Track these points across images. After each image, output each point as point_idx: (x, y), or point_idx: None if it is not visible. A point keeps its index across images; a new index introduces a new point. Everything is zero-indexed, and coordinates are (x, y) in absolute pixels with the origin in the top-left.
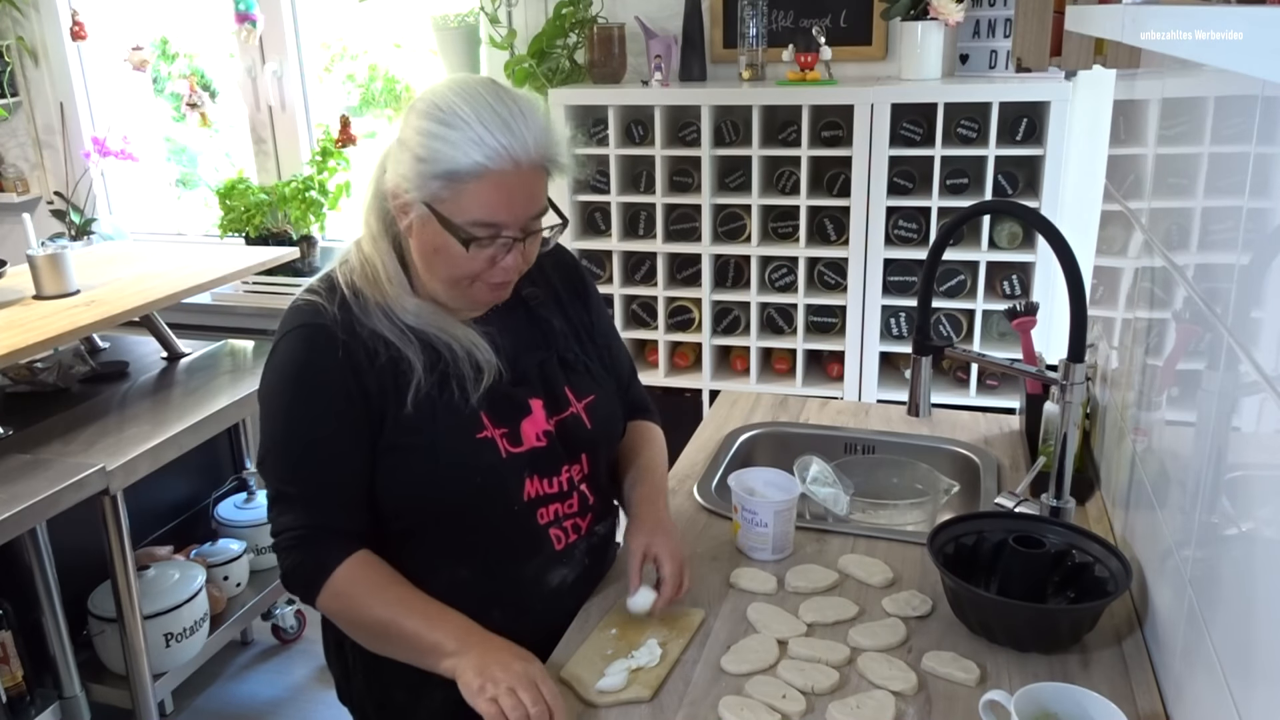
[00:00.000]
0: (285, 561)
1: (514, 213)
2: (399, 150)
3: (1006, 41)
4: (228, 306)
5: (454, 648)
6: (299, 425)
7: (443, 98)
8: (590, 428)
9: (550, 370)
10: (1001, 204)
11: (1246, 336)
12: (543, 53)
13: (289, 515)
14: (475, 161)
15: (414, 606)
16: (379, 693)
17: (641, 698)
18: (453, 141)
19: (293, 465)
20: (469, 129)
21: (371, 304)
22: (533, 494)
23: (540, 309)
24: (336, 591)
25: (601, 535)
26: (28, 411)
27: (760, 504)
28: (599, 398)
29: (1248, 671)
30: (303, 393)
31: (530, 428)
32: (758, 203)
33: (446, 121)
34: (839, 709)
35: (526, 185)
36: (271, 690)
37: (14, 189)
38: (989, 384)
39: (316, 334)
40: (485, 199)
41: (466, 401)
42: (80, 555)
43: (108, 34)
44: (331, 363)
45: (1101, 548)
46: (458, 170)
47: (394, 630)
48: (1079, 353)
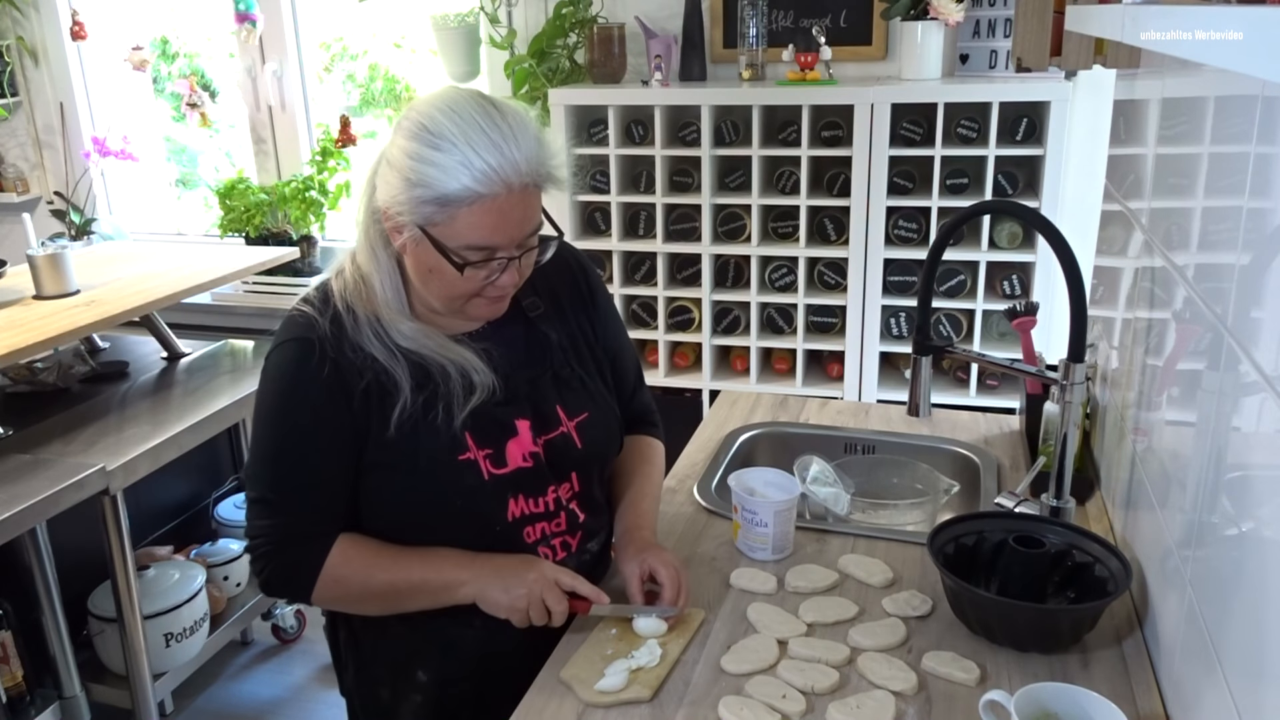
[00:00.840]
0: (263, 569)
1: (508, 234)
2: (387, 170)
3: (1006, 41)
4: (228, 306)
5: (466, 577)
6: (283, 436)
7: (430, 118)
8: (580, 447)
9: (543, 387)
10: (1001, 204)
11: (1246, 336)
12: (543, 53)
13: (266, 520)
14: (466, 186)
15: (411, 559)
16: (365, 690)
17: (641, 698)
18: (442, 166)
19: (275, 474)
20: (457, 152)
21: (362, 319)
22: (518, 514)
23: (540, 322)
24: (335, 579)
25: (594, 552)
26: (28, 411)
27: (760, 504)
28: (592, 415)
29: (1248, 671)
30: (288, 405)
31: (516, 449)
32: (758, 203)
33: (435, 145)
34: (839, 709)
35: (519, 206)
36: (271, 690)
37: (14, 189)
38: (989, 384)
39: (306, 349)
40: (478, 223)
41: (451, 423)
42: (80, 555)
43: (108, 34)
44: (317, 378)
45: (1101, 548)
46: (448, 195)
47: (404, 587)
48: (1079, 353)
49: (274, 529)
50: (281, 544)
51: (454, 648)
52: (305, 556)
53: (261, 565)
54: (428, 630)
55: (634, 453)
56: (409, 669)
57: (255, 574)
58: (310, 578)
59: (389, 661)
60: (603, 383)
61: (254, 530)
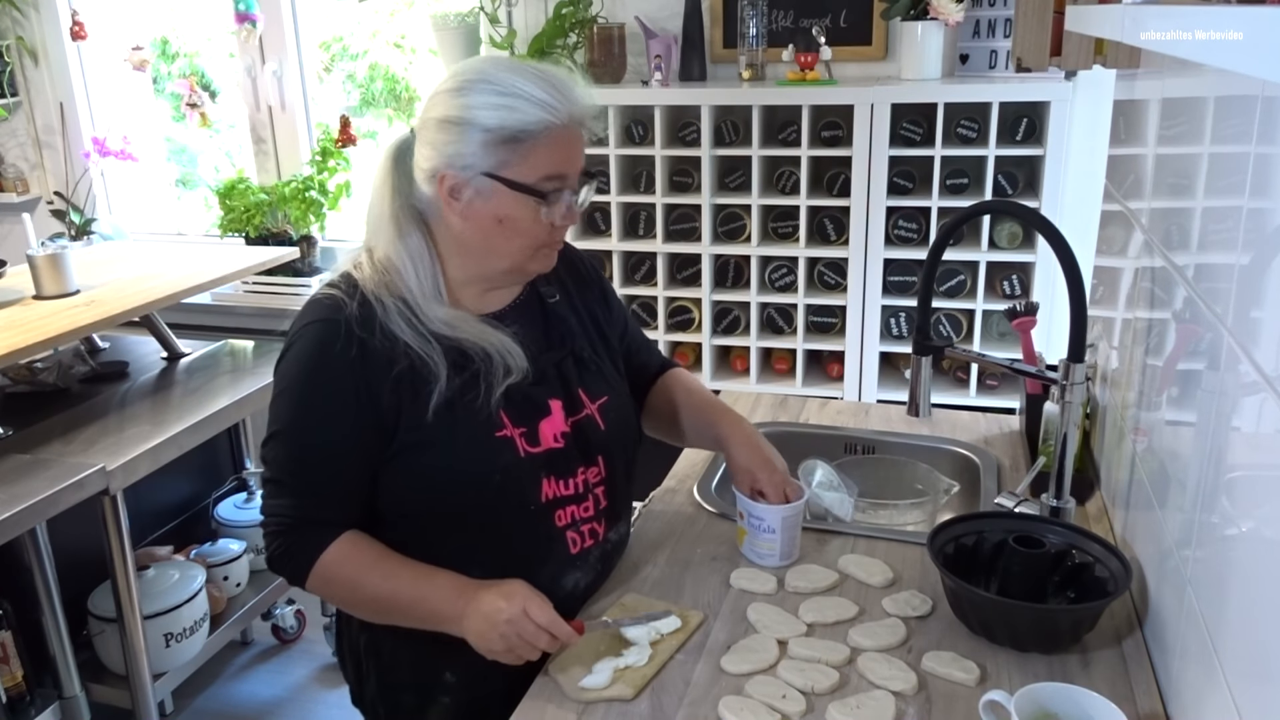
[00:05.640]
0: (272, 545)
1: (574, 164)
2: (439, 134)
3: (1006, 41)
4: (228, 306)
5: (450, 613)
6: (305, 420)
7: (483, 72)
8: (604, 429)
9: (566, 370)
10: (1001, 204)
11: (1246, 336)
12: (543, 53)
13: (281, 501)
14: (540, 119)
15: (404, 578)
16: (389, 697)
17: (623, 696)
18: (516, 107)
19: (294, 457)
20: (525, 90)
21: (391, 306)
22: (550, 495)
23: (558, 307)
24: (327, 576)
25: (614, 542)
26: (28, 411)
27: (768, 510)
28: (611, 399)
29: (1248, 671)
30: (312, 389)
31: (548, 428)
32: (758, 203)
33: (504, 91)
34: (839, 709)
35: (579, 139)
36: (271, 690)
37: (14, 189)
38: (989, 384)
39: (333, 330)
40: (551, 154)
41: (488, 401)
42: (80, 555)
43: (108, 34)
44: (344, 361)
45: (1101, 548)
46: (525, 128)
47: (390, 605)
48: (1079, 353)
49: (288, 509)
50: (293, 525)
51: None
52: (307, 543)
53: (270, 542)
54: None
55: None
56: (436, 671)
57: (265, 548)
58: (307, 564)
59: (413, 665)
60: (615, 369)
61: (268, 509)
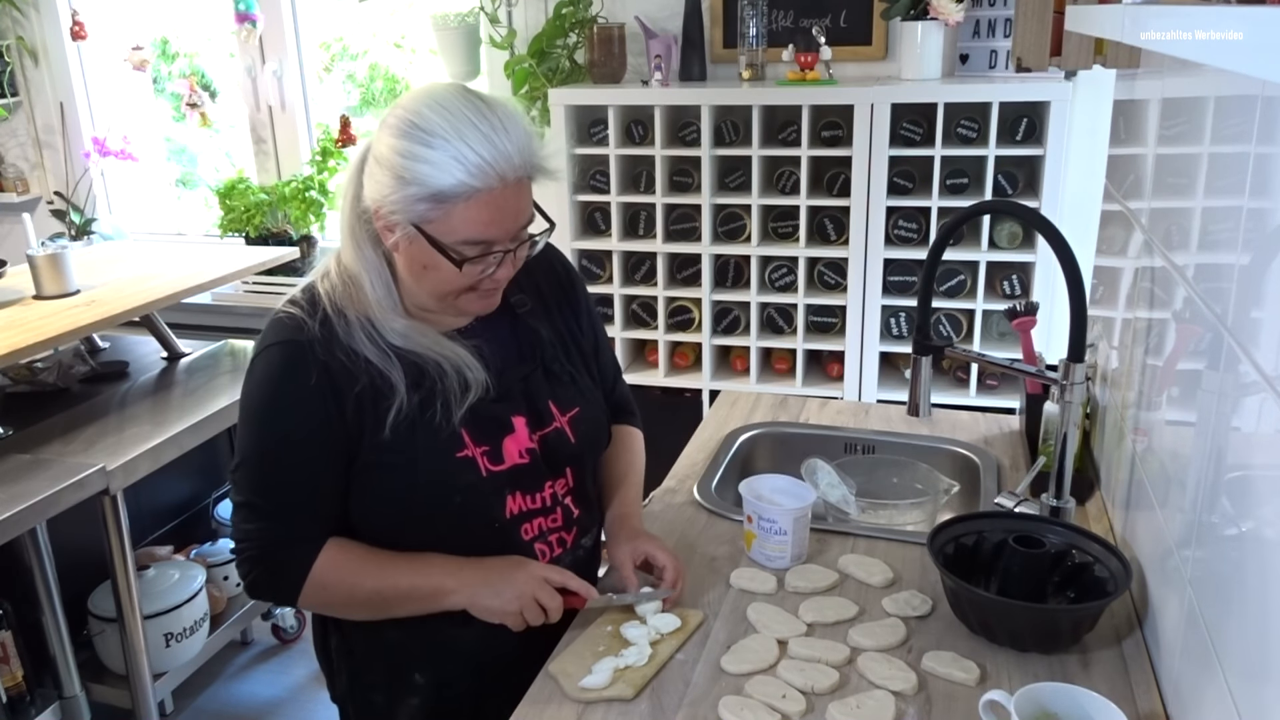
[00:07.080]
0: (248, 572)
1: (504, 227)
2: (376, 169)
3: (1006, 41)
4: (228, 306)
5: (454, 585)
6: (271, 442)
7: (419, 114)
8: (574, 442)
9: (535, 383)
10: (1001, 204)
11: (1246, 336)
12: (543, 53)
13: (254, 524)
14: (460, 181)
15: (399, 566)
16: (359, 695)
17: (623, 696)
18: (435, 162)
19: (263, 480)
20: (450, 147)
21: (354, 322)
22: (515, 510)
23: (528, 318)
24: (320, 585)
25: (587, 548)
26: (28, 411)
27: (779, 512)
28: (582, 410)
29: (1248, 671)
30: (276, 411)
31: (512, 445)
32: (758, 203)
33: (426, 141)
34: (839, 709)
35: (514, 199)
36: (271, 690)
37: (14, 189)
38: (989, 384)
39: (295, 352)
40: (474, 217)
41: (449, 420)
42: (80, 555)
43: (108, 34)
44: (307, 382)
45: (1101, 548)
46: (443, 191)
47: (391, 594)
48: (1079, 353)
49: (261, 533)
50: (268, 549)
51: (451, 648)
52: (291, 561)
53: (247, 569)
54: (423, 631)
55: (618, 443)
56: (405, 672)
57: (241, 577)
58: (296, 583)
59: (384, 665)
60: (589, 377)
61: (240, 534)
